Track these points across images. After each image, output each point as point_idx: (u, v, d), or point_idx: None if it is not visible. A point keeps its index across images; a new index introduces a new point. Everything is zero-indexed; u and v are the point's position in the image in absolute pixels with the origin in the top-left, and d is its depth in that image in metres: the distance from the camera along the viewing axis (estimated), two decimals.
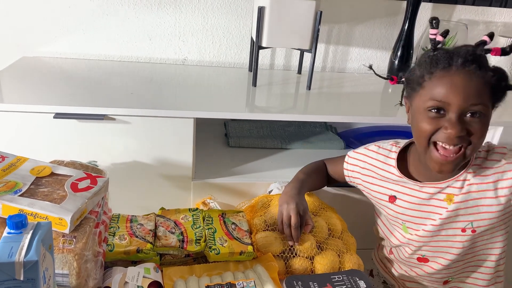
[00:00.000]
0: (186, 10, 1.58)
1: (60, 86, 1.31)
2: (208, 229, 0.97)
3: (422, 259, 1.05)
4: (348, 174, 1.11)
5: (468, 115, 0.82)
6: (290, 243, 0.96)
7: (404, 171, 1.00)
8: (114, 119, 1.18)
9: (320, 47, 1.70)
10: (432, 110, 0.84)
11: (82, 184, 0.80)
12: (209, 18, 1.60)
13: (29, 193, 0.75)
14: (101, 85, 1.35)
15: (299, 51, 1.64)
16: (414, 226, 1.00)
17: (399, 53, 1.63)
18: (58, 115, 1.14)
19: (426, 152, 0.88)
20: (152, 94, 1.30)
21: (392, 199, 1.02)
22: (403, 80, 0.95)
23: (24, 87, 1.28)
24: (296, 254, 0.97)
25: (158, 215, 1.01)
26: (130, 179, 1.25)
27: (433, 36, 0.88)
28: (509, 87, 0.85)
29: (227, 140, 1.54)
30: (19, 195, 0.73)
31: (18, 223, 0.59)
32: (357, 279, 0.88)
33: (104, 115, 1.16)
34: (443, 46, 0.89)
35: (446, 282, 1.08)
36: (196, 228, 0.97)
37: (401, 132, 1.63)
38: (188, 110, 1.20)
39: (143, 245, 0.88)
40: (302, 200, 1.02)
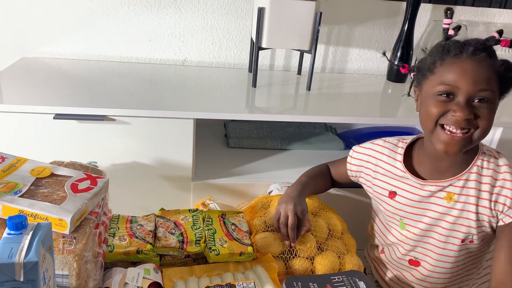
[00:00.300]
0: (186, 11, 1.58)
1: (60, 86, 1.31)
2: (208, 230, 0.97)
3: (413, 262, 1.04)
4: (351, 168, 1.11)
5: (476, 101, 0.84)
6: (287, 242, 0.96)
7: (408, 167, 1.00)
8: (114, 120, 1.18)
9: (320, 48, 1.70)
10: (442, 94, 0.86)
11: (82, 185, 0.80)
12: (209, 19, 1.60)
13: (29, 194, 0.75)
14: (101, 85, 1.35)
15: (299, 52, 1.64)
16: (412, 222, 1.00)
17: (398, 54, 1.63)
18: (58, 116, 1.14)
19: (433, 134, 0.89)
20: (152, 95, 1.31)
21: (392, 195, 1.02)
22: (413, 68, 0.97)
23: (24, 87, 1.28)
24: (296, 255, 0.97)
25: (158, 216, 1.01)
26: (130, 179, 1.25)
27: (446, 26, 0.92)
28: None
29: (227, 140, 1.54)
30: (19, 196, 0.73)
31: (18, 224, 0.59)
32: (357, 280, 0.88)
33: (104, 116, 1.16)
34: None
35: None
36: (196, 229, 0.97)
37: (401, 133, 1.63)
38: (188, 111, 1.21)
39: (143, 246, 0.88)
40: (301, 202, 1.01)
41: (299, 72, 1.67)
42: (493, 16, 1.76)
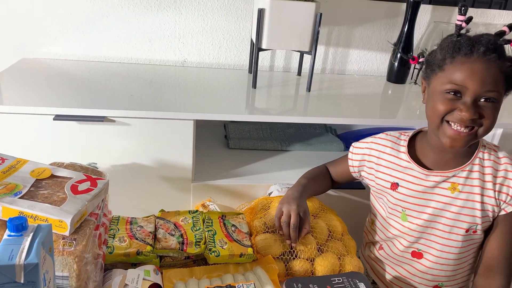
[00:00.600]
0: (186, 12, 1.58)
1: (60, 88, 1.31)
2: (208, 231, 0.97)
3: (416, 254, 1.04)
4: (353, 164, 1.12)
5: (482, 100, 0.87)
6: (288, 242, 0.97)
7: (413, 158, 1.02)
8: (114, 121, 1.18)
9: (320, 49, 1.70)
10: (450, 92, 0.88)
11: (82, 186, 0.80)
12: (208, 20, 1.60)
13: (29, 195, 0.75)
14: (101, 87, 1.35)
15: (299, 53, 1.64)
16: (415, 213, 1.01)
17: (399, 55, 1.63)
18: (58, 117, 1.14)
19: (439, 129, 0.92)
20: (152, 96, 1.30)
21: (394, 186, 1.03)
22: (422, 60, 1.00)
23: (24, 88, 1.28)
24: (296, 256, 0.97)
25: (158, 217, 1.01)
26: (130, 181, 1.25)
27: (459, 22, 0.92)
28: None
29: (227, 142, 1.54)
30: (19, 197, 0.73)
31: (19, 225, 0.59)
32: (357, 281, 0.88)
33: (104, 117, 1.16)
34: (466, 33, 0.93)
35: (435, 287, 1.06)
36: (196, 230, 0.97)
37: None
38: (188, 112, 1.21)
39: (143, 247, 0.88)
40: (303, 203, 1.02)
41: (299, 73, 1.67)
42: (493, 17, 1.77)
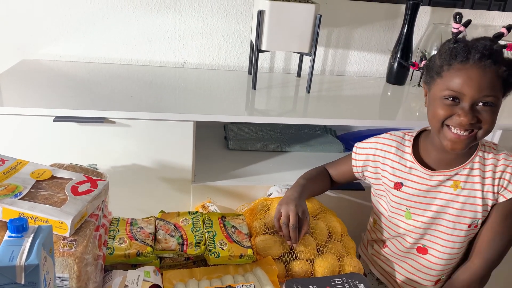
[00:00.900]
0: (186, 13, 1.58)
1: (60, 89, 1.31)
2: (208, 232, 0.97)
3: (421, 250, 1.07)
4: (357, 164, 1.13)
5: (480, 104, 0.90)
6: (288, 242, 0.97)
7: (416, 158, 1.05)
8: (114, 122, 1.18)
9: (319, 50, 1.70)
10: (448, 98, 0.92)
11: (82, 188, 0.80)
12: (208, 21, 1.61)
13: (29, 196, 0.75)
14: (101, 88, 1.35)
15: (299, 54, 1.64)
16: (419, 211, 1.04)
17: (398, 55, 1.63)
18: (58, 118, 1.14)
19: (440, 133, 0.95)
20: (152, 97, 1.31)
21: (398, 186, 1.06)
22: (423, 66, 1.03)
23: (24, 90, 1.28)
24: (296, 257, 0.97)
25: (158, 218, 1.01)
26: (130, 182, 1.25)
27: (455, 30, 0.95)
28: None
29: (227, 143, 1.54)
30: (20, 199, 0.73)
31: (19, 226, 0.59)
32: (356, 282, 0.88)
33: (104, 118, 1.16)
34: (463, 37, 0.95)
35: (437, 281, 1.09)
36: (196, 231, 0.97)
37: None
38: (188, 113, 1.21)
39: (143, 248, 0.88)
40: (302, 203, 1.02)
41: (299, 74, 1.67)
42: (492, 18, 1.77)
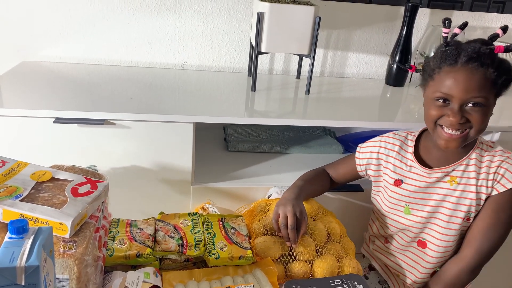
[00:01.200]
0: (186, 15, 1.59)
1: (60, 90, 1.32)
2: (208, 233, 0.98)
3: (421, 243, 1.09)
4: (361, 163, 1.16)
5: (470, 105, 0.93)
6: (288, 243, 0.97)
7: (417, 157, 1.08)
8: (114, 124, 1.18)
9: (318, 52, 1.71)
10: (439, 100, 0.96)
11: (82, 189, 0.80)
12: (208, 23, 1.61)
13: (29, 198, 0.75)
14: (101, 90, 1.36)
15: (298, 56, 1.64)
16: (418, 207, 1.07)
17: (397, 58, 1.64)
18: (58, 120, 1.15)
19: (434, 132, 1.00)
20: (151, 99, 1.31)
21: (398, 183, 1.09)
22: (420, 69, 1.06)
23: (24, 91, 1.28)
24: (295, 258, 0.97)
25: (157, 220, 1.02)
26: (130, 183, 1.26)
27: (445, 35, 1.00)
28: (506, 82, 0.94)
29: (226, 144, 1.55)
30: (20, 200, 0.73)
31: (20, 228, 0.59)
32: (356, 283, 0.88)
33: (104, 120, 1.17)
34: (455, 40, 0.98)
35: (433, 273, 1.11)
36: (195, 233, 0.97)
37: None
38: (188, 115, 1.21)
39: (142, 249, 0.89)
40: (299, 204, 1.02)
41: (298, 76, 1.68)
42: (490, 20, 1.78)
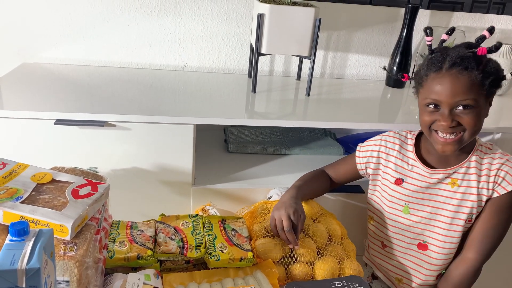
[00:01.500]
0: (186, 17, 1.59)
1: (61, 92, 1.32)
2: (208, 235, 0.98)
3: (422, 246, 1.09)
4: (361, 161, 1.16)
5: (460, 108, 0.94)
6: (290, 246, 0.97)
7: (418, 156, 1.09)
8: (115, 126, 1.18)
9: (319, 53, 1.71)
10: (429, 106, 0.98)
11: (83, 191, 0.80)
12: (208, 25, 1.61)
13: (30, 200, 0.75)
14: (101, 91, 1.36)
15: (298, 57, 1.65)
16: (418, 207, 1.08)
17: (397, 59, 1.64)
18: (59, 122, 1.15)
19: (430, 137, 1.01)
20: (152, 101, 1.31)
21: (398, 182, 1.09)
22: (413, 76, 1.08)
23: (24, 93, 1.28)
24: (296, 260, 0.97)
25: (158, 222, 1.01)
26: (130, 185, 1.25)
27: (429, 43, 1.02)
28: (495, 83, 0.95)
29: (227, 146, 1.55)
30: (20, 202, 0.73)
31: (21, 230, 0.59)
32: (356, 285, 0.88)
33: (104, 122, 1.17)
34: (444, 45, 1.01)
35: (438, 276, 1.11)
36: (196, 235, 0.97)
37: None
38: (188, 116, 1.21)
39: (143, 251, 0.88)
40: (293, 204, 1.01)
41: (299, 77, 1.68)
42: (490, 22, 1.78)
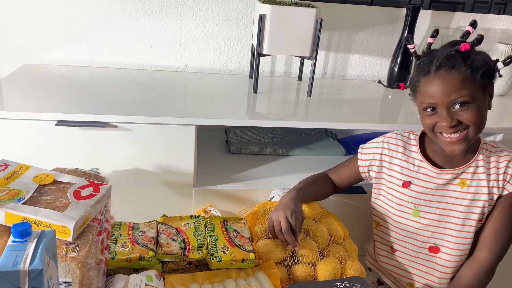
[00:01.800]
0: (187, 18, 1.59)
1: (62, 93, 1.32)
2: (210, 236, 0.97)
3: (434, 249, 1.08)
4: (364, 164, 1.14)
5: (457, 106, 0.93)
6: (290, 247, 0.97)
7: (424, 156, 1.07)
8: (116, 127, 1.18)
9: (320, 54, 1.71)
10: (427, 109, 0.98)
11: (84, 192, 0.80)
12: (210, 26, 1.61)
13: (32, 201, 0.75)
14: (102, 92, 1.36)
15: (300, 58, 1.65)
16: (427, 209, 1.06)
17: (398, 60, 1.64)
18: (60, 123, 1.15)
19: (436, 139, 1.00)
20: (153, 101, 1.31)
21: (406, 184, 1.08)
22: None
23: (26, 94, 1.28)
24: (298, 261, 0.97)
25: (160, 223, 1.01)
26: (132, 186, 1.25)
27: (412, 50, 1.03)
28: (487, 74, 0.93)
29: (228, 147, 1.55)
30: (22, 203, 0.73)
31: (23, 231, 0.59)
32: (359, 285, 0.88)
33: (106, 123, 1.17)
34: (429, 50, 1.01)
35: (452, 278, 1.09)
36: (198, 236, 0.97)
37: None
38: (189, 117, 1.21)
39: (145, 252, 0.88)
40: (293, 206, 1.00)
41: (300, 78, 1.68)
42: (492, 22, 1.78)
